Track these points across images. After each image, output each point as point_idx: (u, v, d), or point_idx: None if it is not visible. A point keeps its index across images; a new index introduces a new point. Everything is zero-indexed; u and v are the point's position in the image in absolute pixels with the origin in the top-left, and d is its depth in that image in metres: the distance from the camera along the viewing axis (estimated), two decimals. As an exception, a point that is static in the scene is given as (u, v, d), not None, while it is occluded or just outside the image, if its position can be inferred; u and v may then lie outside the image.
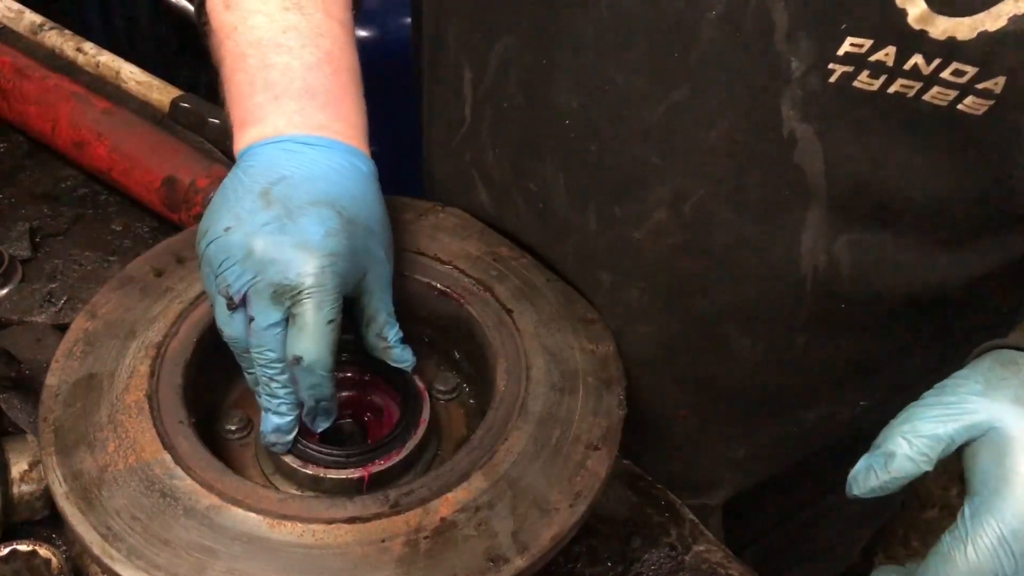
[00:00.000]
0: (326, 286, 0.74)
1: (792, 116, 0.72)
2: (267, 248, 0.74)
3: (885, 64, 0.67)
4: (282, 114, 0.82)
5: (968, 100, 0.67)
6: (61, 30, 1.36)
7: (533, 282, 0.90)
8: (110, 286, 0.86)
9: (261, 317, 0.75)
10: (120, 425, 0.74)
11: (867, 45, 0.67)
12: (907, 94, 0.68)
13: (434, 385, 0.89)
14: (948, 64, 0.66)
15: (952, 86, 0.67)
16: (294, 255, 0.74)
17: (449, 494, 0.71)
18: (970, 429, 0.64)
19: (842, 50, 0.67)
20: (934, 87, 0.67)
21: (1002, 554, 0.60)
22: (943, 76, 0.66)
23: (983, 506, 0.62)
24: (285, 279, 0.74)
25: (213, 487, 0.70)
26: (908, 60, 0.66)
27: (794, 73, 0.70)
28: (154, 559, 0.66)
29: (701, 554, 0.86)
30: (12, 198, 1.17)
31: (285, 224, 0.75)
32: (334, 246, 0.75)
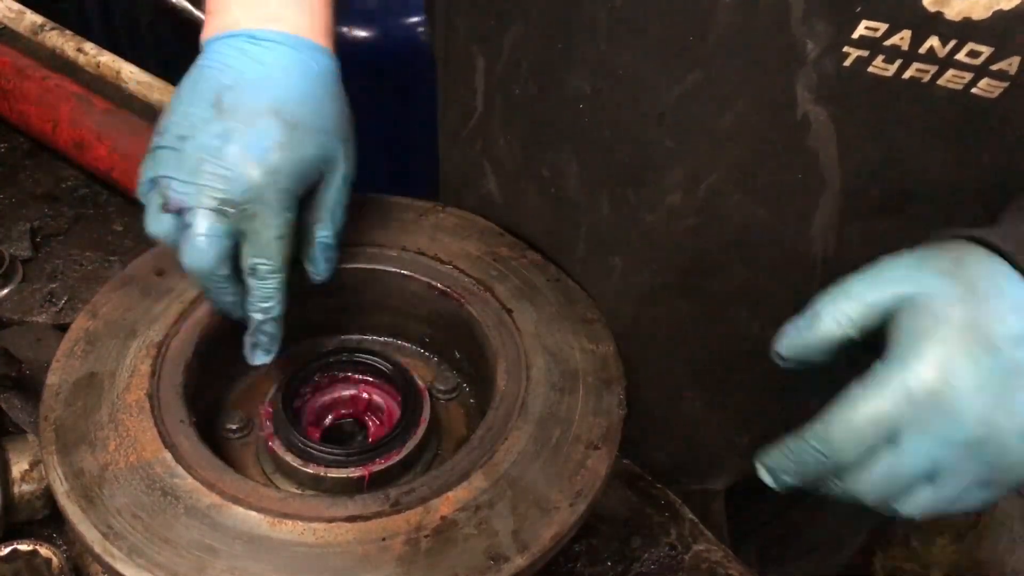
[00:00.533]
0: (270, 202, 0.77)
1: (807, 99, 0.72)
2: (215, 164, 0.76)
3: (900, 48, 0.68)
4: (239, 3, 0.83)
5: (983, 83, 0.68)
6: (62, 30, 1.36)
7: (533, 282, 0.91)
8: (111, 286, 0.87)
9: (205, 228, 0.77)
10: (121, 424, 0.75)
11: (882, 29, 0.67)
12: (922, 79, 0.68)
13: (434, 385, 0.89)
14: (963, 45, 0.66)
15: (967, 68, 0.67)
16: (240, 172, 0.76)
17: (450, 493, 0.71)
18: (897, 298, 0.64)
19: (857, 33, 0.68)
20: (949, 70, 0.67)
21: (905, 407, 0.61)
22: (958, 58, 0.67)
23: (895, 362, 0.62)
24: (229, 196, 0.76)
25: (214, 486, 0.71)
26: (923, 43, 0.67)
27: (809, 55, 0.70)
28: (155, 557, 0.66)
29: (701, 554, 0.86)
30: (13, 198, 1.17)
31: (231, 137, 0.77)
32: (278, 160, 0.77)
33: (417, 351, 0.95)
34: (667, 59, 0.76)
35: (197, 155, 0.77)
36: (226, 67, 0.80)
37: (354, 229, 0.94)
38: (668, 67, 0.76)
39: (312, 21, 0.84)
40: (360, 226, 0.94)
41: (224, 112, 0.78)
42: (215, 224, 0.77)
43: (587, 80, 0.82)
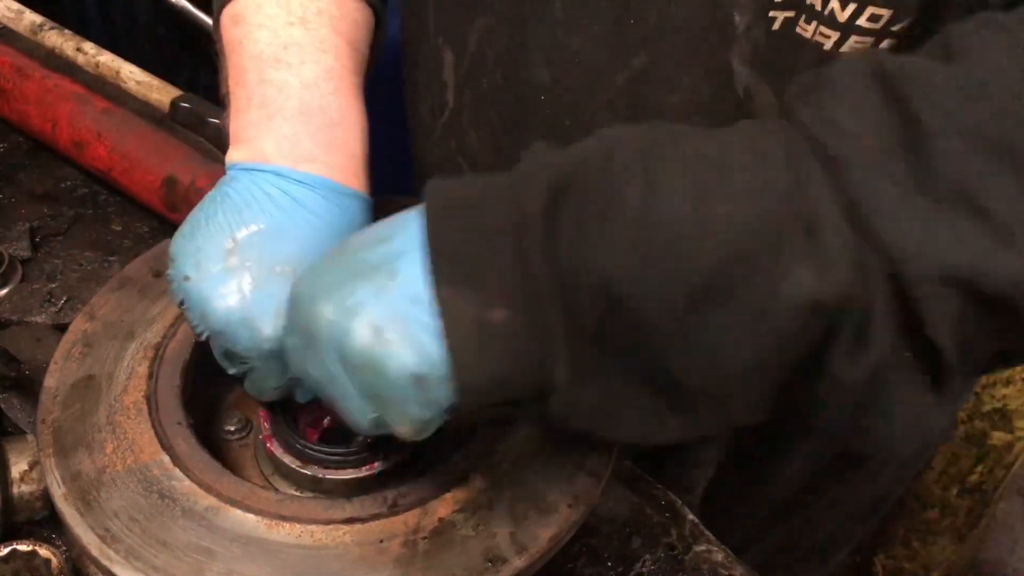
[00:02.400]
0: (270, 364, 0.72)
1: (743, 72, 0.73)
2: (218, 317, 0.71)
3: (815, 7, 0.68)
4: (272, 137, 0.77)
5: (885, 44, 0.68)
6: (61, 30, 1.36)
7: (532, 282, 0.90)
8: (109, 287, 0.86)
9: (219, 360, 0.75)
10: (118, 426, 0.74)
11: None
12: (824, 45, 0.69)
13: (433, 385, 0.89)
14: (863, 10, 0.66)
15: (868, 33, 0.67)
16: (242, 331, 0.71)
17: (447, 494, 0.71)
18: None
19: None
20: (851, 36, 0.68)
21: None
22: (860, 23, 0.67)
23: None
24: (233, 348, 0.72)
25: (211, 488, 0.70)
26: (828, 5, 0.67)
27: (739, 27, 0.71)
28: (152, 560, 0.66)
29: (701, 554, 0.86)
30: (12, 198, 1.17)
31: (240, 292, 0.71)
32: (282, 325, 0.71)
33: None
34: (613, 43, 0.77)
35: (203, 298, 0.72)
36: (249, 205, 0.74)
37: (353, 229, 0.94)
38: (615, 51, 0.77)
39: (351, 160, 0.78)
40: (359, 226, 0.94)
41: (235, 261, 0.72)
42: (223, 361, 0.75)
43: (547, 69, 0.82)
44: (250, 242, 0.72)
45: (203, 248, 0.72)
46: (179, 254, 0.73)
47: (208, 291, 0.71)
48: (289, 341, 0.65)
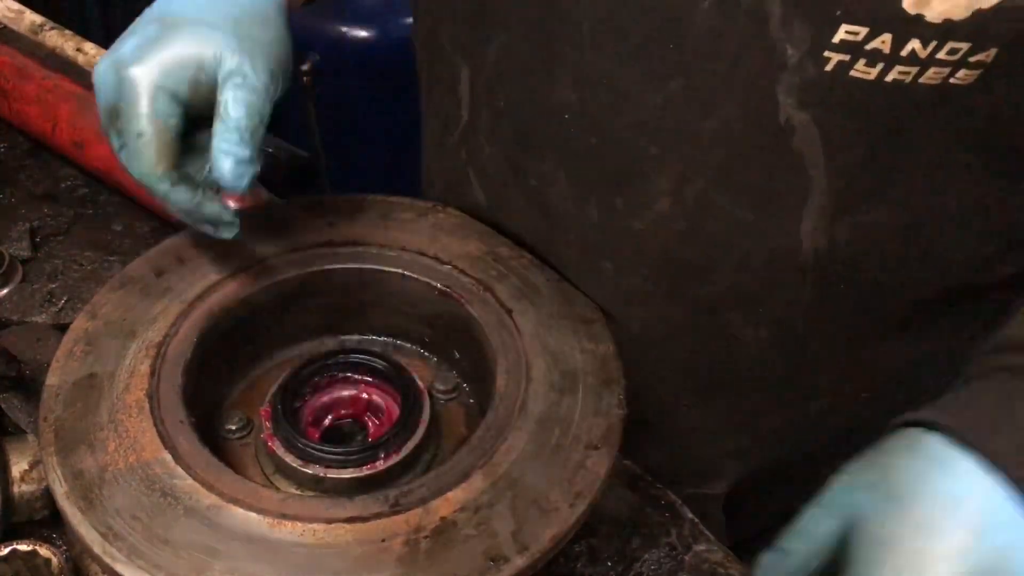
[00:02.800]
0: (131, 97, 0.77)
1: (789, 104, 0.72)
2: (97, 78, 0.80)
3: (882, 52, 0.67)
4: None
5: (960, 74, 0.68)
6: (61, 30, 1.36)
7: (533, 282, 0.90)
8: (110, 286, 0.86)
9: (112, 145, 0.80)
10: (120, 425, 0.74)
11: (863, 33, 0.67)
12: (904, 80, 0.68)
13: (434, 385, 0.89)
14: (943, 45, 0.66)
15: (946, 64, 0.67)
16: (104, 79, 0.79)
17: (449, 494, 0.71)
18: (842, 525, 0.64)
19: (837, 37, 0.67)
20: (930, 68, 0.67)
21: None
22: (939, 57, 0.67)
23: None
24: (104, 104, 0.79)
25: (213, 487, 0.70)
26: (905, 46, 0.67)
27: (790, 60, 0.70)
28: (154, 558, 0.66)
29: (701, 554, 0.86)
30: (12, 198, 1.17)
31: (112, 50, 0.80)
32: (137, 57, 0.78)
33: (417, 351, 0.95)
34: (648, 66, 0.76)
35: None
36: None
37: (354, 229, 0.94)
38: (649, 74, 0.76)
39: None
40: (360, 226, 0.94)
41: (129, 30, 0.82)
42: (111, 137, 0.80)
43: (571, 89, 0.81)
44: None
45: None
46: None
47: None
48: None
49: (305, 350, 0.93)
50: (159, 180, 0.79)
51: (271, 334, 0.92)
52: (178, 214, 0.82)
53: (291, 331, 0.93)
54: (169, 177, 0.79)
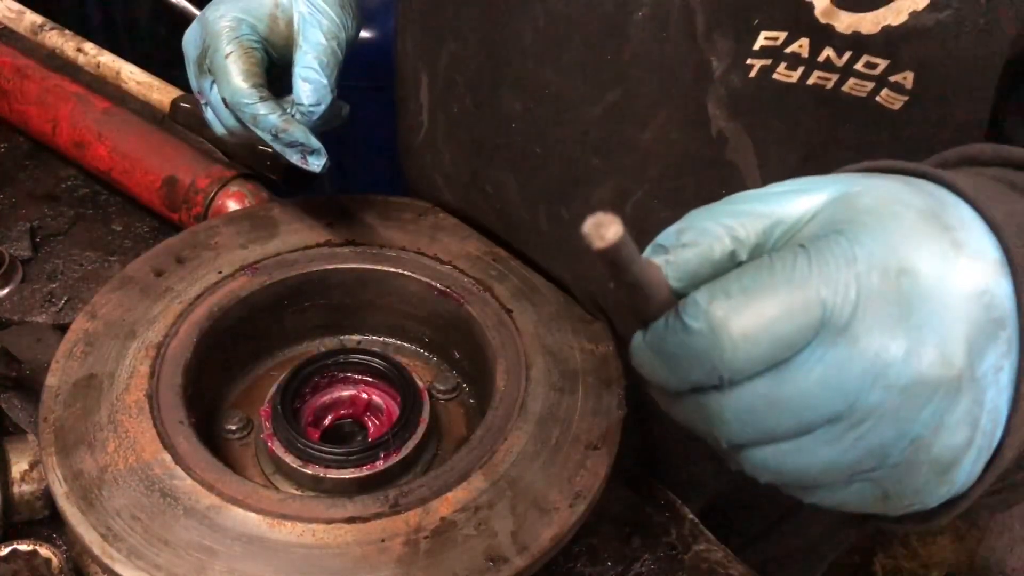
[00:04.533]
0: (217, 33, 0.82)
1: (719, 115, 0.73)
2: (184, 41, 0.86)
3: (800, 55, 0.68)
4: None
5: (884, 93, 0.68)
6: (61, 30, 1.36)
7: (533, 282, 0.90)
8: (110, 286, 0.87)
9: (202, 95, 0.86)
10: (120, 425, 0.74)
11: (781, 38, 0.68)
12: (825, 85, 0.69)
13: (434, 385, 0.89)
14: (859, 57, 0.67)
15: (867, 78, 0.68)
16: (195, 30, 0.86)
17: (449, 494, 0.71)
18: (826, 200, 0.48)
19: (758, 44, 0.69)
20: (850, 78, 0.68)
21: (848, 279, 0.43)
22: (857, 68, 0.68)
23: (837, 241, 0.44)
24: (197, 53, 0.85)
25: (213, 487, 0.70)
26: (821, 52, 0.68)
27: (715, 72, 0.71)
28: (154, 559, 0.66)
29: (701, 554, 0.86)
30: (12, 198, 1.17)
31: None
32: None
33: (417, 351, 0.95)
34: (588, 76, 0.77)
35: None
36: None
37: (354, 229, 0.94)
38: (589, 84, 0.77)
39: None
40: (360, 226, 0.94)
41: None
42: (203, 86, 0.84)
43: (517, 98, 0.83)
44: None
45: None
46: None
47: None
48: None
49: (305, 350, 0.93)
50: (248, 96, 0.81)
51: (271, 334, 0.92)
52: (266, 136, 0.83)
53: (291, 331, 0.93)
54: (258, 93, 0.81)
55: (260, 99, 0.81)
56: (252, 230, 0.93)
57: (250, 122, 0.82)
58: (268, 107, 0.81)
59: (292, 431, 0.78)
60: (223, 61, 0.82)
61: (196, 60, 0.85)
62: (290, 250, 0.91)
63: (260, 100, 0.81)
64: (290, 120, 0.81)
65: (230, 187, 1.06)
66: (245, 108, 0.81)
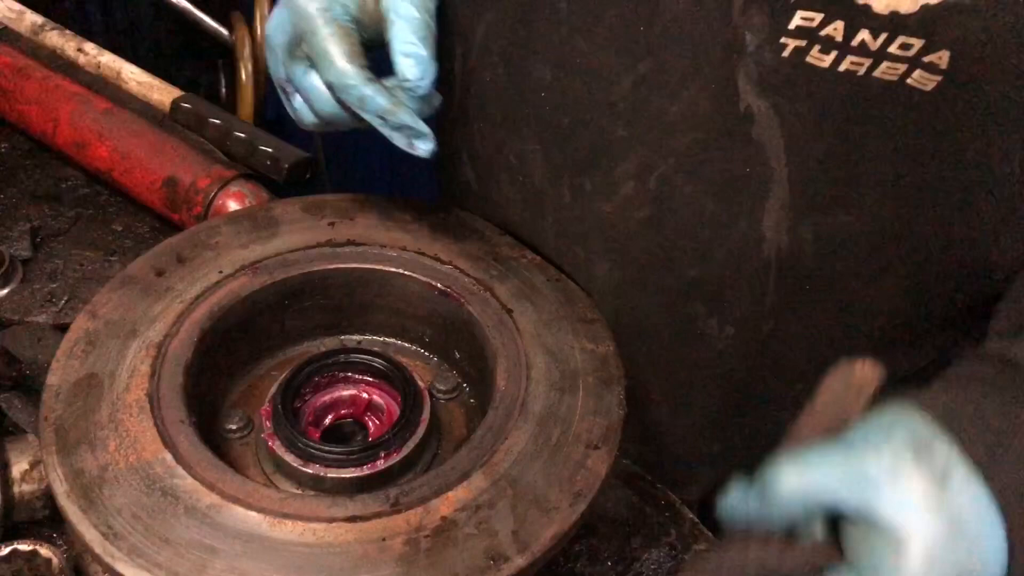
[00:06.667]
0: (313, 17, 0.80)
1: (748, 90, 0.73)
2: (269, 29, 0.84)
3: (834, 39, 0.68)
4: None
5: (916, 74, 0.68)
6: (62, 30, 1.36)
7: (533, 282, 0.91)
8: (111, 286, 0.87)
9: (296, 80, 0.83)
10: (121, 424, 0.75)
11: (817, 19, 0.68)
12: (857, 71, 0.69)
13: (434, 385, 0.89)
14: (894, 39, 0.67)
15: (900, 59, 0.68)
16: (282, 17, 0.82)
17: (450, 493, 0.71)
18: (863, 510, 0.57)
19: (793, 23, 0.69)
20: (883, 63, 0.68)
21: None
22: (890, 51, 0.67)
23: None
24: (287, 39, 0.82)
25: (214, 486, 0.71)
26: (856, 36, 0.68)
27: (748, 47, 0.71)
28: (155, 558, 0.66)
29: (701, 553, 0.86)
30: (13, 198, 1.17)
31: None
32: None
33: (417, 351, 0.95)
34: (620, 47, 0.77)
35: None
36: None
37: (355, 229, 0.94)
38: (621, 55, 0.77)
39: None
40: (360, 226, 0.94)
41: None
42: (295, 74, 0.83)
43: (548, 67, 0.83)
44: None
45: None
46: None
47: None
48: None
49: (306, 350, 0.93)
50: (354, 78, 0.79)
51: (271, 334, 0.92)
52: (373, 121, 0.80)
53: (291, 331, 0.93)
54: (364, 74, 0.79)
55: (367, 80, 0.79)
56: (253, 230, 0.93)
57: (356, 105, 0.79)
58: (375, 89, 0.79)
59: (293, 430, 0.78)
60: (323, 44, 0.79)
61: (286, 46, 0.82)
62: (291, 250, 0.91)
63: (367, 81, 0.79)
64: (399, 103, 0.79)
65: (230, 187, 1.07)
66: (351, 91, 0.79)
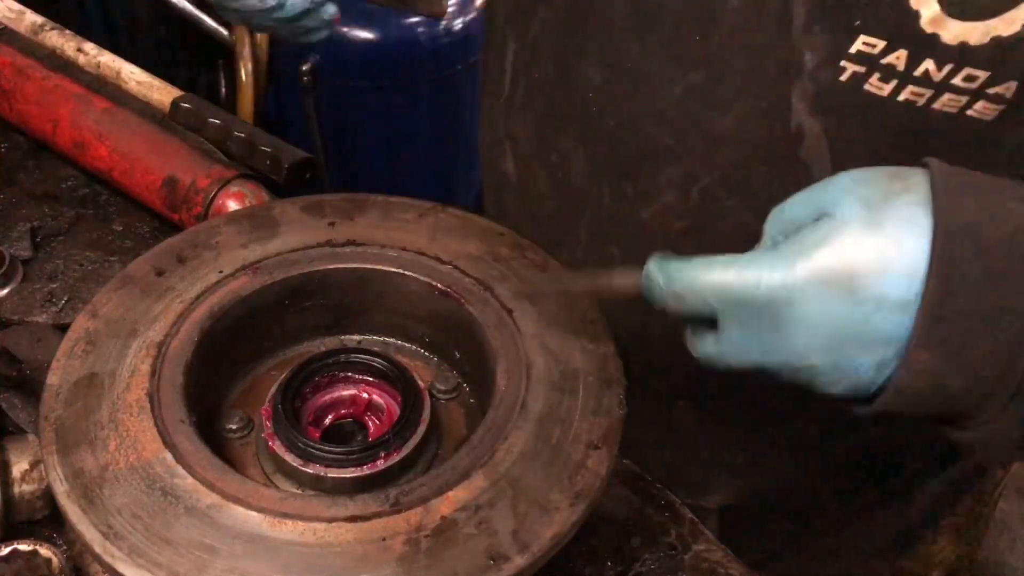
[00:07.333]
0: None
1: (801, 109, 0.73)
2: None
3: (896, 68, 0.67)
4: None
5: (978, 105, 0.67)
6: (62, 31, 1.36)
7: (533, 282, 0.91)
8: (111, 286, 0.87)
9: None
10: (121, 424, 0.75)
11: (880, 46, 0.67)
12: (917, 102, 0.68)
13: (434, 385, 0.89)
14: (960, 70, 0.65)
15: (963, 92, 0.66)
16: None
17: (450, 493, 0.71)
18: (815, 213, 0.62)
19: (855, 48, 0.68)
20: (945, 94, 0.67)
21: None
22: (954, 82, 0.66)
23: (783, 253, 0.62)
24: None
25: (214, 486, 0.71)
26: (919, 65, 0.66)
27: (807, 66, 0.71)
28: (155, 557, 0.66)
29: (701, 553, 0.86)
30: (13, 198, 1.18)
31: None
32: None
33: (417, 351, 0.95)
34: (673, 56, 0.77)
35: None
36: None
37: (355, 229, 0.94)
38: (673, 63, 0.77)
39: None
40: (360, 226, 0.94)
41: None
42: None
43: (598, 70, 0.83)
44: None
45: None
46: None
47: None
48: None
49: (306, 350, 0.93)
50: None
51: (271, 334, 0.92)
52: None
53: (291, 331, 0.93)
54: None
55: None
56: (253, 230, 0.93)
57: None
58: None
59: (293, 430, 0.78)
60: None
61: None
62: (291, 250, 0.91)
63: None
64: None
65: (230, 187, 1.07)
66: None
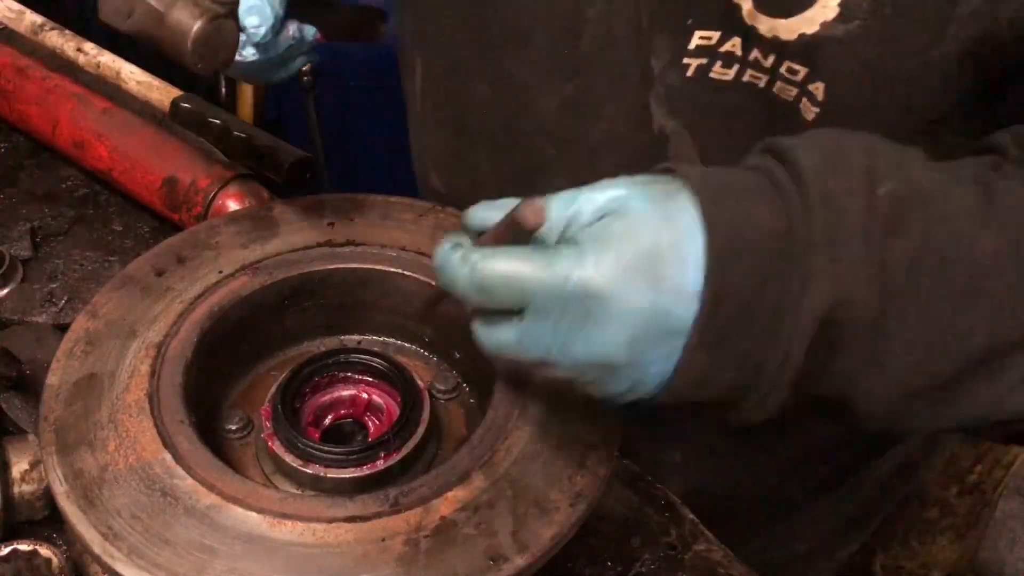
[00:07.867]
0: None
1: (660, 113, 0.76)
2: None
3: (735, 54, 0.71)
4: None
5: (804, 102, 0.70)
6: (62, 30, 1.36)
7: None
8: (111, 286, 0.87)
9: None
10: (121, 424, 0.75)
11: (715, 37, 0.70)
12: (758, 84, 0.71)
13: (434, 385, 0.89)
14: (781, 62, 0.69)
15: (790, 83, 0.70)
16: None
17: (449, 493, 0.71)
18: (608, 205, 0.60)
19: (693, 43, 0.71)
20: (778, 82, 0.70)
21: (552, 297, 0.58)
22: (781, 72, 0.69)
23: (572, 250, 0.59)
24: None
25: (213, 486, 0.71)
26: (750, 52, 0.70)
27: (655, 69, 0.74)
28: (155, 558, 0.66)
29: (701, 553, 0.86)
30: (13, 198, 1.18)
31: None
32: None
33: (417, 351, 0.95)
34: (547, 68, 0.80)
35: None
36: None
37: (354, 229, 0.94)
38: (548, 76, 0.80)
39: None
40: (360, 226, 0.94)
41: None
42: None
43: (488, 85, 0.86)
44: None
45: None
46: None
47: None
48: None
49: (305, 350, 0.93)
50: None
51: (271, 334, 0.92)
52: None
53: (291, 331, 0.93)
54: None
55: None
56: (253, 230, 0.93)
57: None
58: None
59: (292, 431, 0.78)
60: None
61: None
62: (291, 250, 0.91)
63: None
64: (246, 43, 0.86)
65: (230, 187, 1.07)
66: None
